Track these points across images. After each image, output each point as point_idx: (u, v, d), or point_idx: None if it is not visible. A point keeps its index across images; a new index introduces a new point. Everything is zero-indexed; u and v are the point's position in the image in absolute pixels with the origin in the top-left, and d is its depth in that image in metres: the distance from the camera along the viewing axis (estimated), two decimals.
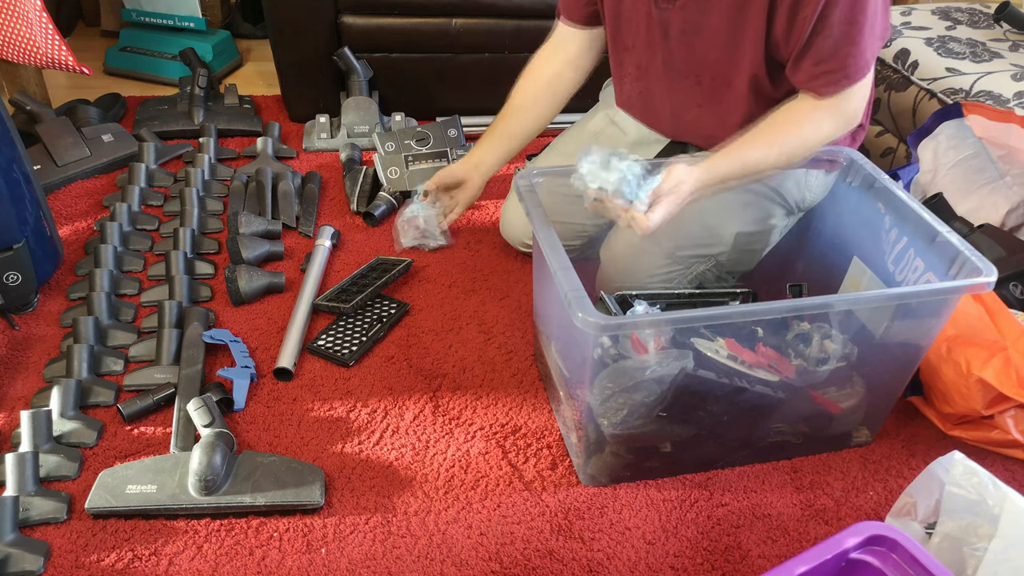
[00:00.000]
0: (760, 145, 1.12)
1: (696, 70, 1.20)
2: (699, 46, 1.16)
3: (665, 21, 1.16)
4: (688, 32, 1.15)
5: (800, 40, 1.07)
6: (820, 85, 1.10)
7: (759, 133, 1.12)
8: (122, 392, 1.24)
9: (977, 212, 1.47)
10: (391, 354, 1.35)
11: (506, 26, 1.93)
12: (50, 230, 1.38)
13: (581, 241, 1.42)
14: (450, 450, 1.18)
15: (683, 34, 1.16)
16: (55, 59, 1.71)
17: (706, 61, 1.18)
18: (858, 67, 1.08)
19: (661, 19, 1.16)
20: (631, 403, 1.01)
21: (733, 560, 1.04)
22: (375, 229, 1.67)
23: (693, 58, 1.18)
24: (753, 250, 1.31)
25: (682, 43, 1.17)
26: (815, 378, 1.08)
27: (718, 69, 1.18)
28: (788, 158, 1.13)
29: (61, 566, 0.99)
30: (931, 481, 0.98)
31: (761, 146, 1.12)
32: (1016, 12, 1.83)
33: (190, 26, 2.27)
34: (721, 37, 1.13)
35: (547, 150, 1.54)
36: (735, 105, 1.21)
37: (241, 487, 1.06)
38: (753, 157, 1.11)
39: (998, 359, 1.08)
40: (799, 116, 1.12)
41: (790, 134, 1.12)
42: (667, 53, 1.20)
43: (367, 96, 1.94)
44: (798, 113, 1.13)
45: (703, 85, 1.21)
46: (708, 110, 1.24)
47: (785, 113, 1.13)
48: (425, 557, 1.02)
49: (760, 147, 1.12)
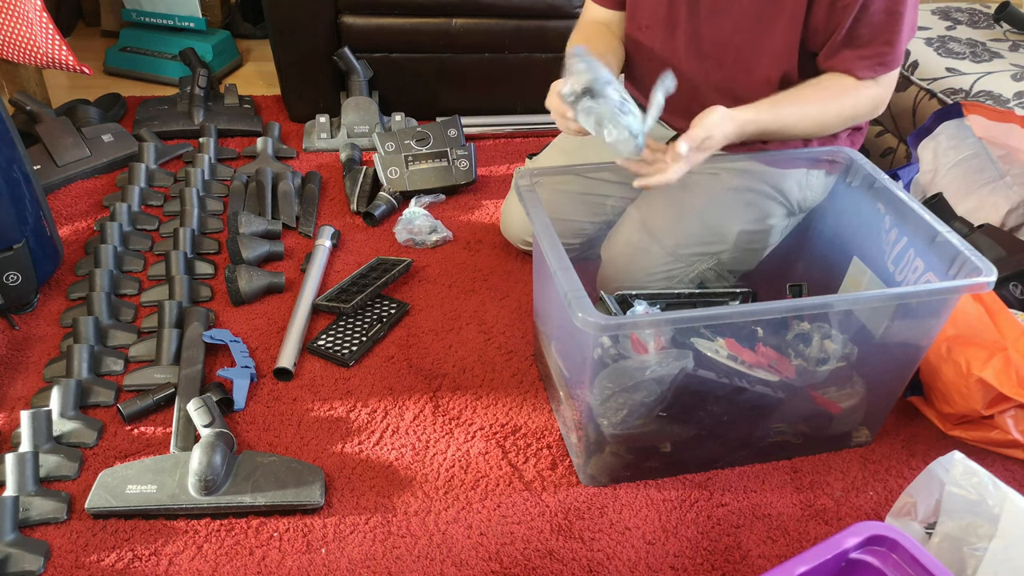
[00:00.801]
0: (800, 105, 1.13)
1: (719, 51, 1.19)
2: (726, 26, 1.16)
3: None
4: (717, 12, 1.15)
5: (840, 28, 1.08)
6: (855, 69, 1.11)
7: (800, 94, 1.13)
8: (122, 392, 1.24)
9: (977, 212, 1.47)
10: (391, 354, 1.35)
11: (506, 26, 1.93)
12: (50, 230, 1.38)
13: (581, 239, 1.42)
14: (450, 450, 1.18)
15: (712, 13, 1.16)
16: (55, 59, 1.71)
17: (731, 43, 1.17)
18: (893, 58, 1.10)
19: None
20: (631, 403, 1.01)
21: (733, 560, 1.04)
22: (375, 229, 1.67)
23: (718, 38, 1.18)
24: (754, 249, 1.31)
25: (710, 22, 1.17)
26: (815, 378, 1.08)
27: (742, 52, 1.17)
28: (822, 126, 1.15)
29: (61, 566, 0.99)
30: (931, 481, 0.98)
31: (801, 106, 1.13)
32: (1016, 12, 1.83)
33: (190, 26, 2.27)
34: (750, 20, 1.13)
35: (548, 148, 1.54)
36: (754, 90, 1.20)
37: (241, 487, 1.06)
38: (792, 116, 1.12)
39: (998, 359, 1.08)
40: (842, 87, 1.13)
41: (832, 101, 1.14)
42: (691, 31, 1.19)
43: (367, 96, 1.94)
44: (841, 84, 1.14)
45: (724, 67, 1.20)
46: (725, 94, 1.23)
47: (829, 80, 1.14)
48: (425, 557, 1.02)
49: (799, 107, 1.13)
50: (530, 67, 2.00)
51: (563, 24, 1.92)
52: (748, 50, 1.16)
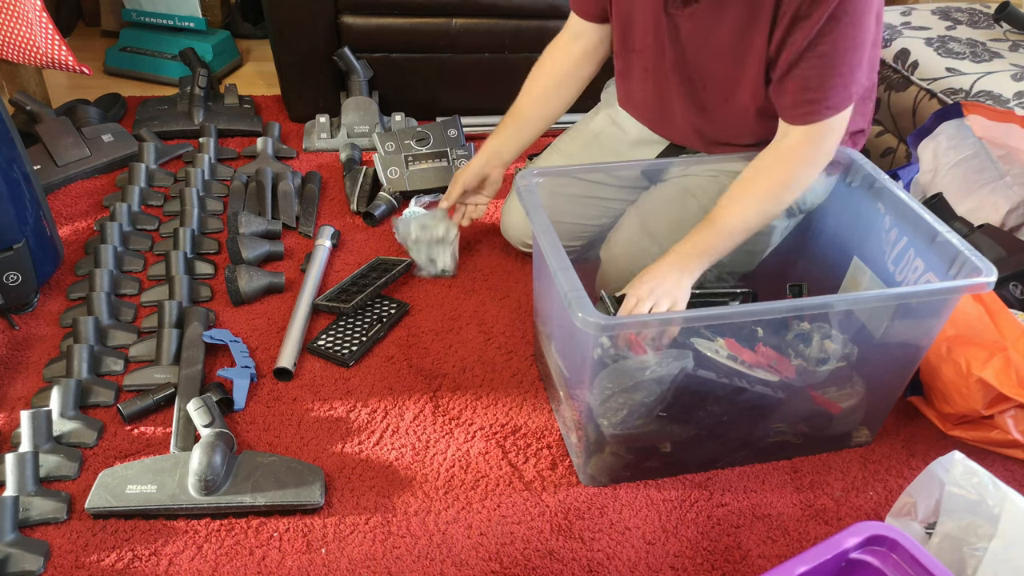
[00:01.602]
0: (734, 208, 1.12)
1: (702, 75, 1.20)
2: (706, 53, 1.16)
3: (675, 27, 1.16)
4: (696, 40, 1.15)
5: (789, 60, 1.06)
6: (801, 113, 1.09)
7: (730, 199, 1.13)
8: (122, 392, 1.24)
9: (977, 212, 1.46)
10: (391, 354, 1.35)
11: (506, 26, 1.93)
12: (50, 230, 1.38)
13: (581, 241, 1.42)
14: (450, 450, 1.18)
15: (691, 40, 1.16)
16: (55, 59, 1.71)
17: (711, 68, 1.18)
18: (842, 98, 1.07)
19: (671, 25, 1.16)
20: (631, 403, 1.01)
21: (733, 560, 1.04)
22: (375, 229, 1.67)
23: (700, 62, 1.18)
24: (754, 251, 1.31)
25: (691, 47, 1.17)
26: (815, 378, 1.08)
27: (720, 79, 1.18)
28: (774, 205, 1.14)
29: (61, 566, 0.99)
30: (931, 481, 0.98)
31: (736, 209, 1.12)
32: (1016, 12, 1.83)
33: (190, 26, 2.27)
34: (727, 49, 1.13)
35: (548, 150, 1.54)
36: (735, 116, 1.21)
37: (241, 487, 1.06)
38: (731, 223, 1.11)
39: (998, 359, 1.08)
40: (768, 164, 1.13)
41: (763, 186, 1.12)
42: (676, 56, 1.20)
43: (367, 96, 1.94)
44: (765, 163, 1.13)
45: (708, 90, 1.21)
46: (710, 116, 1.24)
47: (753, 168, 1.14)
48: (425, 557, 1.02)
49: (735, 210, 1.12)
50: (530, 67, 1.99)
51: (563, 24, 1.92)
52: (727, 78, 1.17)
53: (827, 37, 1.02)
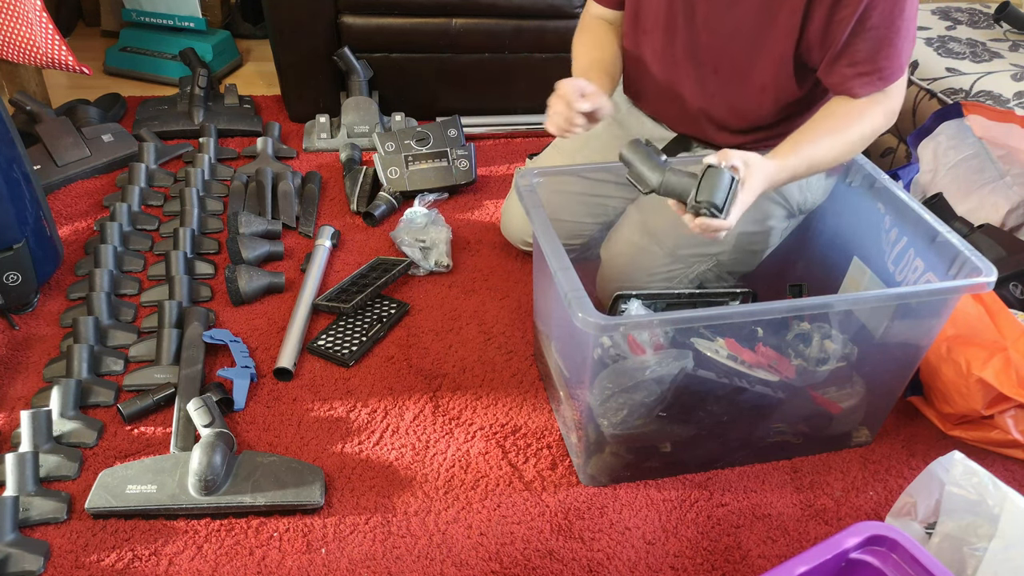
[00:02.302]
0: (824, 140, 1.11)
1: (715, 58, 1.19)
2: (722, 36, 1.16)
3: (691, 8, 1.16)
4: (713, 21, 1.15)
5: (837, 43, 1.06)
6: (855, 87, 1.10)
7: (816, 128, 1.12)
8: (122, 392, 1.24)
9: (977, 212, 1.47)
10: (391, 354, 1.35)
11: (506, 26, 1.93)
12: (50, 230, 1.38)
13: (581, 240, 1.42)
14: (450, 450, 1.18)
15: (707, 22, 1.16)
16: (55, 59, 1.71)
17: (727, 51, 1.17)
18: (893, 70, 1.08)
19: (686, 6, 1.16)
20: (631, 403, 1.01)
21: (733, 560, 1.04)
22: (375, 229, 1.67)
23: (715, 45, 1.18)
24: (754, 251, 1.31)
25: (706, 30, 1.17)
26: (815, 378, 1.08)
27: (737, 62, 1.17)
28: (848, 152, 1.13)
29: (61, 566, 0.99)
30: (931, 481, 0.98)
31: (825, 141, 1.11)
32: (1016, 12, 1.83)
33: (190, 26, 2.27)
34: (746, 31, 1.13)
35: (548, 148, 1.54)
36: (749, 99, 1.20)
37: (241, 487, 1.06)
38: (819, 153, 1.10)
39: (998, 359, 1.08)
40: (855, 110, 1.12)
41: (848, 128, 1.12)
42: (689, 39, 1.19)
43: (367, 96, 1.94)
44: (852, 107, 1.12)
45: (720, 74, 1.20)
46: (721, 100, 1.23)
47: (838, 105, 1.13)
48: (425, 557, 1.02)
49: (824, 142, 1.11)
50: (530, 67, 2.00)
51: (563, 24, 1.92)
52: (743, 60, 1.16)
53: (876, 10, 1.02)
